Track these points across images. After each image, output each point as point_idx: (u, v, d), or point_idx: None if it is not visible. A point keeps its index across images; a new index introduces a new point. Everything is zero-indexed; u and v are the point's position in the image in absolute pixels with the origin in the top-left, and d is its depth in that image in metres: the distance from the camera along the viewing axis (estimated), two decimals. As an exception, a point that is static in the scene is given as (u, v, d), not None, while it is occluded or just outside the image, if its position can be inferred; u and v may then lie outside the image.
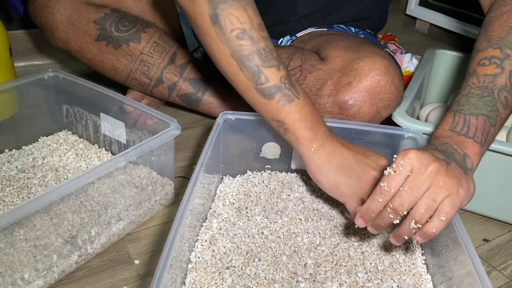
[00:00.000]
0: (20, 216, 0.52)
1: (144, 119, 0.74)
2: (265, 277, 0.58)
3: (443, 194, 0.49)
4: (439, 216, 0.49)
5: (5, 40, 0.86)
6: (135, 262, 0.65)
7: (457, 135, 0.56)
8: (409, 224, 0.50)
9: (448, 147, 0.55)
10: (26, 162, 0.78)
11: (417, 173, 0.50)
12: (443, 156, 0.52)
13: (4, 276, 0.54)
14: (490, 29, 0.64)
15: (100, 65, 0.90)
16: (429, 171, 0.49)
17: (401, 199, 0.50)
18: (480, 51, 0.63)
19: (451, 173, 0.50)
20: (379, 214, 0.52)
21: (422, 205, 0.49)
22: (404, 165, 0.50)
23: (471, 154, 0.55)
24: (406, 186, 0.50)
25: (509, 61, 0.60)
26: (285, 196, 0.73)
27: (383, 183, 0.51)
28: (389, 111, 0.74)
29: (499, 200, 0.74)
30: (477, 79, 0.60)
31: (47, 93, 0.83)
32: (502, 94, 0.58)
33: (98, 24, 0.87)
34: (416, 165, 0.50)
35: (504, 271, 0.68)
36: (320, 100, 0.74)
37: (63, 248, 0.59)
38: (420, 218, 0.49)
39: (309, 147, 0.61)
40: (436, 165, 0.50)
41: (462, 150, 0.55)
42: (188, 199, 0.54)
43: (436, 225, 0.49)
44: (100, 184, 0.63)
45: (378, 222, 0.53)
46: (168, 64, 0.90)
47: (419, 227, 0.50)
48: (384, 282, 0.59)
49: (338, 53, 0.76)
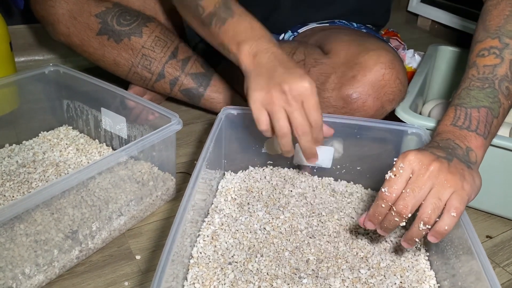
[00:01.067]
0: (20, 211, 0.51)
1: (145, 114, 0.74)
2: (267, 273, 0.58)
3: (449, 192, 0.49)
4: (449, 212, 0.48)
5: (6, 35, 0.85)
6: (136, 258, 0.64)
7: (459, 129, 0.56)
8: (418, 226, 0.49)
9: (450, 143, 0.54)
10: (26, 157, 0.78)
11: (418, 174, 0.49)
12: (444, 153, 0.51)
13: (5, 271, 0.53)
14: (487, 19, 0.63)
15: (101, 60, 0.90)
16: (430, 171, 0.49)
17: (404, 202, 0.49)
18: (478, 42, 0.62)
19: (454, 170, 0.49)
20: (385, 217, 0.52)
21: (428, 205, 0.49)
22: (404, 167, 0.50)
23: (475, 147, 0.55)
24: (408, 188, 0.49)
25: (509, 50, 0.59)
26: (287, 192, 0.73)
27: (384, 188, 0.50)
28: (393, 105, 0.74)
29: (503, 196, 0.74)
30: (477, 71, 0.59)
31: (48, 87, 0.83)
32: (503, 85, 0.58)
33: (100, 18, 0.86)
34: (417, 166, 0.49)
35: (507, 267, 0.68)
36: (324, 94, 0.73)
37: (64, 243, 0.59)
38: (428, 219, 0.48)
39: (247, 61, 0.61)
40: (437, 164, 0.49)
41: (465, 144, 0.54)
42: (190, 194, 0.54)
43: (447, 222, 0.48)
44: (101, 179, 0.63)
45: (385, 225, 0.52)
46: (169, 59, 0.90)
47: (429, 228, 0.49)
48: (387, 278, 0.58)
49: (342, 47, 0.76)
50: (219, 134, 0.68)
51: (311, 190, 0.74)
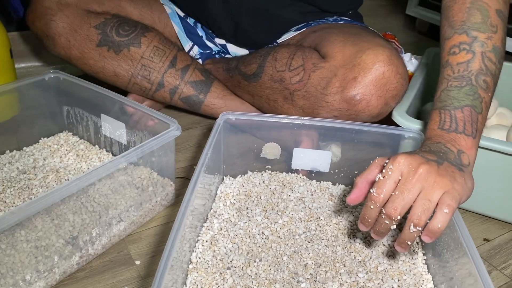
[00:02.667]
0: (21, 217, 0.52)
1: (144, 120, 0.74)
2: (266, 277, 0.58)
3: (439, 193, 0.49)
4: (442, 210, 0.48)
5: (6, 42, 0.86)
6: (136, 263, 0.65)
7: (447, 133, 0.56)
8: (408, 228, 0.50)
9: (441, 147, 0.55)
10: (27, 163, 0.79)
11: (407, 177, 0.49)
12: (435, 157, 0.52)
13: (6, 277, 0.54)
14: (450, 15, 0.63)
15: (101, 71, 0.90)
16: (419, 174, 0.49)
17: (393, 204, 0.49)
18: (447, 39, 0.62)
19: (443, 172, 0.50)
20: (376, 220, 0.52)
21: (418, 206, 0.49)
22: (393, 169, 0.50)
23: (466, 148, 0.55)
24: (397, 191, 0.49)
25: (478, 43, 0.60)
26: (285, 196, 0.73)
27: (373, 189, 0.51)
28: (397, 100, 0.74)
29: (500, 199, 0.74)
30: (451, 70, 0.60)
31: (48, 94, 0.84)
32: (480, 79, 0.58)
33: (99, 29, 0.87)
34: (406, 169, 0.50)
35: (504, 270, 0.68)
36: (327, 98, 0.74)
37: (64, 249, 0.60)
38: (419, 221, 0.49)
39: None
40: (426, 166, 0.49)
41: (456, 147, 0.55)
42: (188, 199, 0.54)
43: (440, 219, 0.48)
44: (101, 185, 0.63)
45: (377, 228, 0.53)
46: (168, 68, 0.90)
47: (420, 230, 0.49)
48: (384, 282, 0.59)
49: (337, 49, 0.76)
50: (217, 139, 0.69)
51: (309, 195, 0.74)
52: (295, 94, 0.79)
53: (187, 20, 1.01)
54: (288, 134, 0.74)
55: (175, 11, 1.01)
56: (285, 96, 0.81)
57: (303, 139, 0.74)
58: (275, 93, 0.83)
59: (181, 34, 1.00)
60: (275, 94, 0.83)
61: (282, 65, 0.81)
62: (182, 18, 1.01)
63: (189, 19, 1.02)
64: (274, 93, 0.83)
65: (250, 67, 0.87)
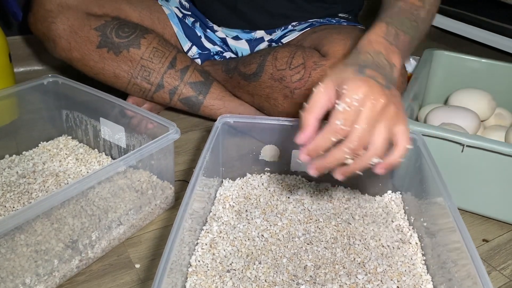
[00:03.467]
0: (21, 221, 0.52)
1: (144, 123, 0.75)
2: (265, 280, 0.58)
3: (399, 127, 0.50)
4: (403, 145, 0.50)
5: (5, 46, 0.86)
6: (135, 266, 0.65)
7: (389, 44, 0.58)
8: (369, 159, 0.50)
9: (381, 58, 0.56)
10: (26, 168, 0.79)
11: (371, 109, 0.49)
12: (384, 81, 0.52)
13: (6, 282, 0.54)
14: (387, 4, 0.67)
15: (101, 73, 0.91)
16: (381, 105, 0.49)
17: (360, 138, 0.49)
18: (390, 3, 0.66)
19: (395, 99, 0.51)
20: (330, 153, 0.50)
21: (381, 140, 0.49)
22: (358, 100, 0.49)
23: (397, 64, 0.58)
24: (363, 124, 0.48)
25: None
26: (284, 199, 0.73)
27: (338, 120, 0.48)
28: None
29: (499, 200, 0.75)
30: (405, 3, 0.65)
31: (47, 98, 0.84)
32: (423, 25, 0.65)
33: (99, 31, 0.88)
34: (368, 101, 0.49)
35: (504, 271, 0.68)
36: None
37: (64, 252, 0.60)
38: (381, 154, 0.50)
39: None
40: (385, 98, 0.50)
41: (392, 61, 0.57)
42: (187, 202, 0.54)
43: (402, 154, 0.51)
44: (100, 189, 0.63)
45: (327, 161, 0.51)
46: (168, 69, 0.91)
47: (379, 161, 0.50)
48: (384, 283, 0.59)
49: (338, 47, 0.77)
50: (216, 142, 0.69)
51: (308, 196, 0.74)
52: (295, 92, 0.79)
53: (185, 20, 1.02)
54: (287, 136, 0.74)
55: (173, 11, 1.01)
56: (285, 94, 0.81)
57: None
58: (275, 92, 0.83)
59: (180, 34, 1.01)
60: (275, 92, 0.83)
61: (283, 64, 0.82)
62: (181, 18, 1.02)
63: (187, 19, 1.02)
64: (274, 92, 0.83)
65: (250, 67, 0.88)
